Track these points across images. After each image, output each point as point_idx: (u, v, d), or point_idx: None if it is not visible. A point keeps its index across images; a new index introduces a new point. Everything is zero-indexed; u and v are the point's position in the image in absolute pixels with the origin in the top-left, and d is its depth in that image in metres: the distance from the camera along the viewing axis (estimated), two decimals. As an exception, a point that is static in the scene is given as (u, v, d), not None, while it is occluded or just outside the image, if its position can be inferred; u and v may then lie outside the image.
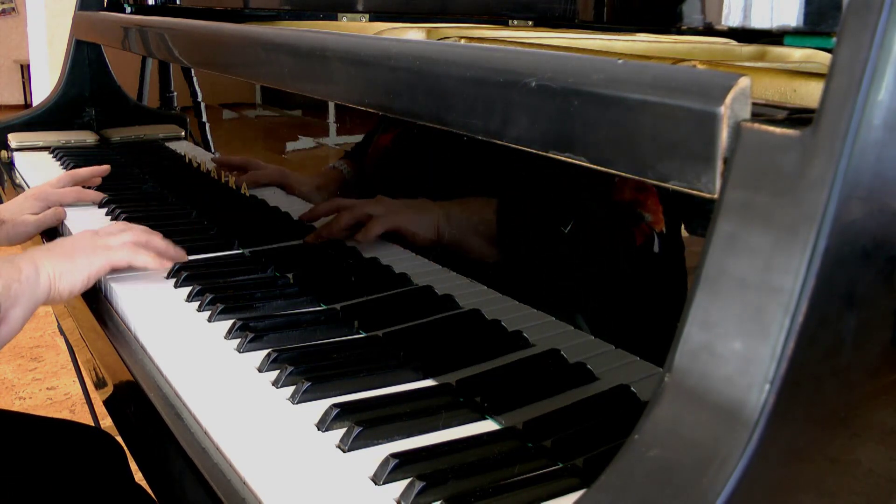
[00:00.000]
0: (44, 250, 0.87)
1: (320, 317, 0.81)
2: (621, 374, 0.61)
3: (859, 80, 0.36)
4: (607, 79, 0.46)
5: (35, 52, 4.17)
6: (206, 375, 0.70)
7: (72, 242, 0.90)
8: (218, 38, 0.99)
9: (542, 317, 0.67)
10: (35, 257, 0.84)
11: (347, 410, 0.61)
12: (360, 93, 0.69)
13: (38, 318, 3.07)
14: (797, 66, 0.75)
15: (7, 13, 7.81)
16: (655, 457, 0.39)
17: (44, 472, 0.95)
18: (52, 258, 0.85)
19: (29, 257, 0.84)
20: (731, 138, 0.40)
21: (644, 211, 0.57)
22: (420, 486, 0.51)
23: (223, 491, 0.56)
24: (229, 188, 1.11)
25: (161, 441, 0.65)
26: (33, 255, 0.85)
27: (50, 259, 0.85)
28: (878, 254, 0.39)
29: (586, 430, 0.58)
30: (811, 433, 0.40)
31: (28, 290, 0.81)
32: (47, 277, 0.84)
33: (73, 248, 0.88)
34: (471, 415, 0.62)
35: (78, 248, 0.88)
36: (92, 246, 0.89)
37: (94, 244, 0.90)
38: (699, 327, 0.40)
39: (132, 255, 0.90)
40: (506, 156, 0.67)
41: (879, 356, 0.41)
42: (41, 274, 0.83)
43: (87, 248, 0.89)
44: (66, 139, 1.66)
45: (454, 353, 0.70)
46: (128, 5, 1.77)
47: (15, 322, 0.79)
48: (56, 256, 0.86)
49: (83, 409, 2.31)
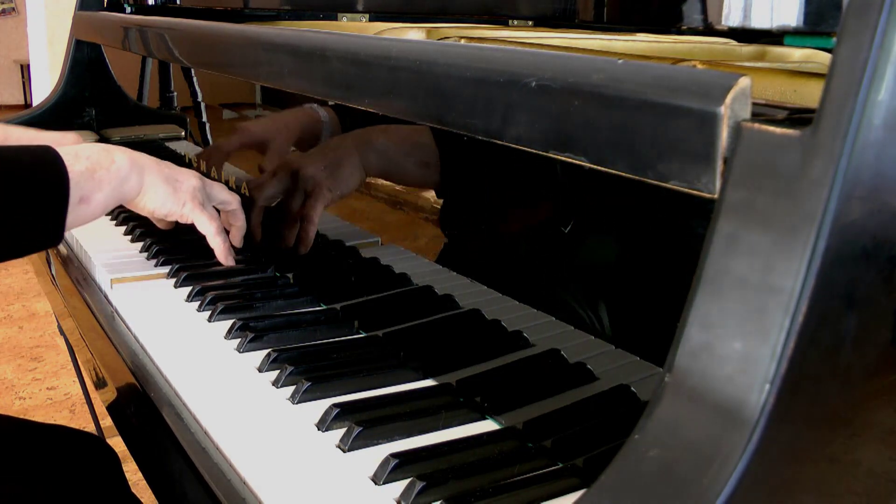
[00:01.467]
0: (152, 161, 0.87)
1: (320, 317, 0.81)
2: (621, 374, 0.61)
3: (859, 80, 0.36)
4: (607, 79, 0.46)
5: (35, 52, 4.17)
6: (206, 375, 0.70)
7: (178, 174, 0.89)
8: (218, 38, 0.99)
9: (542, 317, 0.67)
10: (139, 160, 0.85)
11: (347, 410, 0.61)
12: (360, 93, 0.69)
13: (38, 318, 3.07)
14: (797, 66, 0.75)
15: (7, 13, 7.81)
16: (655, 457, 0.39)
17: (36, 477, 0.95)
18: (157, 174, 0.86)
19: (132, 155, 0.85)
20: (732, 138, 0.40)
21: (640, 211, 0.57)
22: (420, 486, 0.51)
23: (223, 491, 0.56)
24: (229, 188, 1.11)
25: (161, 441, 0.65)
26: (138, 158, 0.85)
27: (153, 172, 0.86)
28: (878, 254, 0.39)
29: (586, 430, 0.58)
30: (811, 433, 0.40)
31: (115, 181, 0.82)
32: (139, 183, 0.84)
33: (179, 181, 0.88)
34: (471, 415, 0.62)
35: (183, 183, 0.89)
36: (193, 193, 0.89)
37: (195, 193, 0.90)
38: (699, 327, 0.40)
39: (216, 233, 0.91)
40: (506, 156, 0.67)
41: (879, 356, 0.41)
42: (133, 176, 0.84)
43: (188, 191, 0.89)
44: (66, 139, 1.65)
45: (454, 353, 0.70)
46: (128, 5, 1.77)
47: (96, 206, 0.80)
48: (161, 175, 0.87)
49: (83, 409, 2.31)
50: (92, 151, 0.81)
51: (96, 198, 0.80)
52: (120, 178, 0.82)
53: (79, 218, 0.79)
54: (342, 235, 0.92)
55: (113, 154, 0.82)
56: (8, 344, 2.85)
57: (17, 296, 3.30)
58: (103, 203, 0.81)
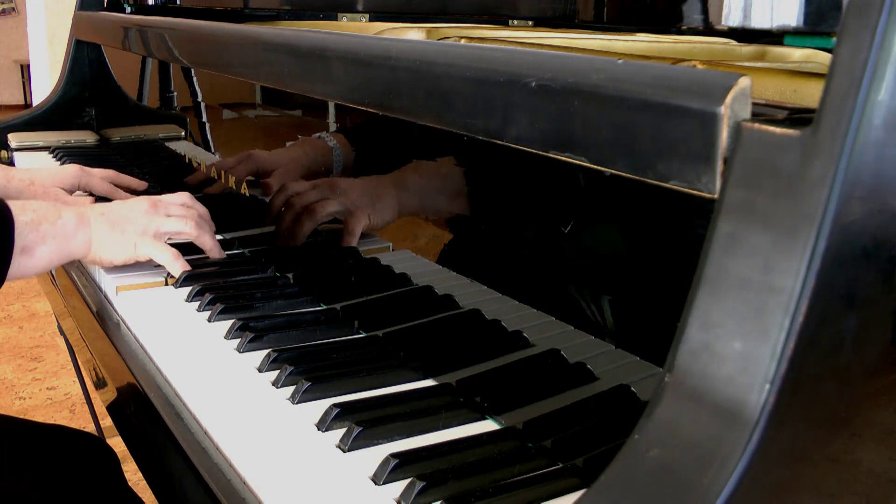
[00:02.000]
0: (97, 212, 0.87)
1: (320, 317, 0.81)
2: (621, 374, 0.61)
3: (859, 80, 0.36)
4: (607, 79, 0.46)
5: (35, 52, 4.17)
6: (205, 375, 0.70)
7: (127, 213, 0.89)
8: (218, 38, 0.99)
9: (542, 317, 0.67)
10: (85, 214, 0.85)
11: (347, 410, 0.61)
12: (360, 93, 0.69)
13: (38, 318, 3.07)
14: (797, 66, 0.75)
15: (7, 13, 7.81)
16: (655, 457, 0.39)
17: (36, 477, 0.95)
18: (104, 223, 0.86)
19: (79, 211, 0.85)
20: (732, 138, 0.40)
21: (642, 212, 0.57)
22: (420, 486, 0.51)
23: (223, 491, 0.56)
24: (229, 188, 1.11)
25: (161, 441, 0.65)
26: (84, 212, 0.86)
27: (100, 222, 0.86)
28: (878, 254, 0.39)
29: (586, 430, 0.58)
30: (811, 433, 0.40)
31: (59, 236, 0.82)
32: (88, 238, 0.85)
33: (127, 220, 0.88)
34: (471, 415, 0.62)
35: (132, 221, 0.89)
36: (145, 227, 0.89)
37: (148, 225, 0.90)
38: (699, 327, 0.40)
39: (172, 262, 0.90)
40: (506, 156, 0.67)
41: (879, 356, 0.41)
42: (83, 230, 0.84)
43: (139, 227, 0.89)
44: (66, 139, 1.66)
45: (454, 353, 0.70)
46: (128, 5, 1.77)
47: (39, 259, 0.81)
48: (108, 223, 0.87)
49: (83, 409, 2.31)
50: (39, 206, 0.82)
51: (40, 250, 0.80)
52: (65, 235, 0.83)
53: (21, 268, 0.79)
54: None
55: (60, 210, 0.83)
56: (8, 344, 2.85)
57: (17, 296, 3.30)
58: (47, 257, 0.81)
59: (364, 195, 0.87)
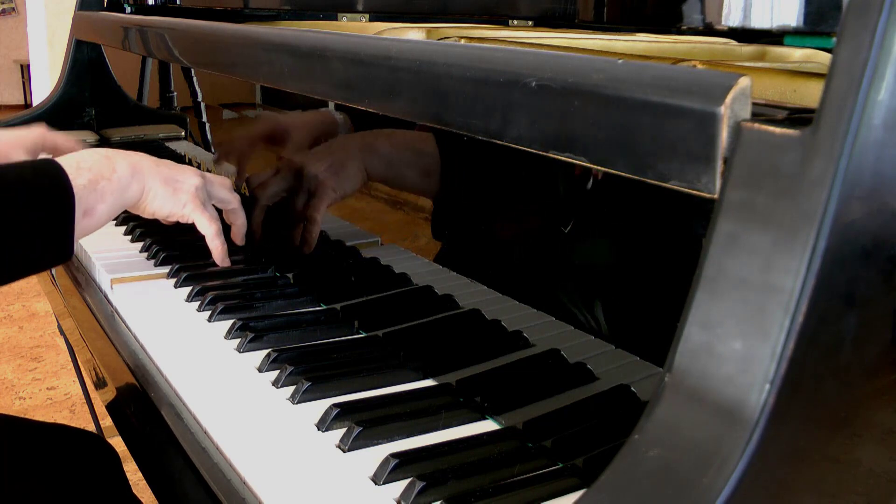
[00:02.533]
0: (152, 162, 0.87)
1: (320, 317, 0.81)
2: (621, 374, 0.61)
3: (859, 80, 0.36)
4: (607, 79, 0.46)
5: (35, 52, 4.17)
6: (206, 375, 0.70)
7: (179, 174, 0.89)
8: (218, 38, 0.99)
9: (542, 317, 0.67)
10: (139, 164, 0.85)
11: (347, 410, 0.61)
12: (360, 93, 0.69)
13: (38, 318, 3.07)
14: (797, 66, 0.75)
15: (7, 13, 7.81)
16: (655, 457, 0.39)
17: (36, 476, 0.95)
18: (157, 176, 0.86)
19: (132, 160, 0.84)
20: (732, 138, 0.40)
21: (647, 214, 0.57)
22: (420, 486, 0.51)
23: (223, 491, 0.56)
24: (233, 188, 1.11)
25: (161, 441, 0.65)
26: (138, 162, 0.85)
27: (153, 176, 0.86)
28: (878, 254, 0.39)
29: (586, 430, 0.58)
30: (811, 433, 0.40)
31: (117, 190, 0.82)
32: (141, 189, 0.84)
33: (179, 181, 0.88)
34: (471, 415, 0.62)
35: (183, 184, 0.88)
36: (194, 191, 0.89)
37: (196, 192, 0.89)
38: (699, 327, 0.40)
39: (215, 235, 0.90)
40: (506, 156, 0.67)
41: (879, 356, 0.41)
42: (136, 180, 0.84)
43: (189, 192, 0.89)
44: (66, 139, 1.65)
45: (454, 353, 0.70)
46: (128, 5, 1.77)
47: (100, 217, 0.81)
48: (161, 177, 0.86)
49: (83, 409, 2.31)
50: (93, 162, 0.81)
51: (99, 209, 0.80)
52: (121, 187, 0.82)
53: (84, 230, 0.79)
54: (342, 235, 0.92)
55: (114, 162, 0.82)
56: (8, 344, 2.85)
57: (17, 296, 3.30)
58: (107, 213, 0.81)
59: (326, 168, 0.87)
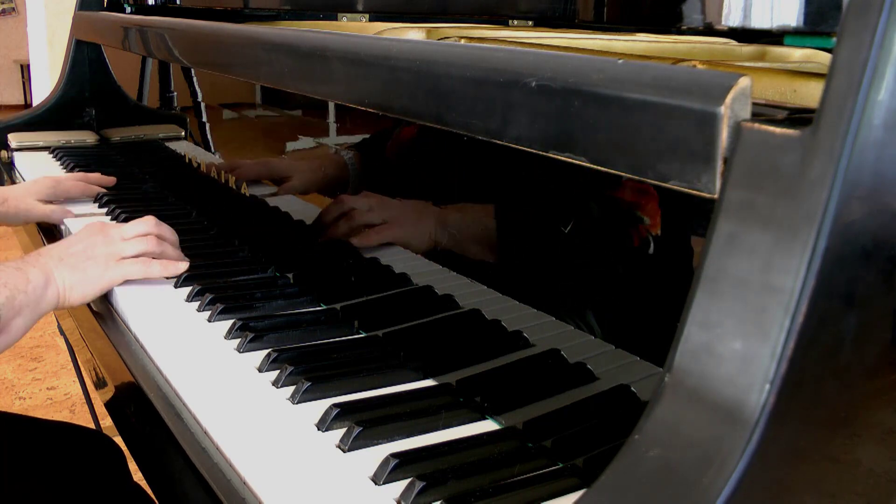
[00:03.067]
0: (56, 258, 0.86)
1: (320, 317, 0.81)
2: (621, 374, 0.61)
3: (859, 80, 0.36)
4: (607, 79, 0.46)
5: (35, 52, 4.17)
6: (206, 375, 0.70)
7: (85, 249, 0.88)
8: (218, 38, 0.99)
9: (542, 317, 0.67)
10: (46, 266, 0.84)
11: (347, 410, 0.61)
12: (360, 93, 0.69)
13: (38, 318, 3.07)
14: (797, 66, 0.75)
15: (7, 13, 7.81)
16: (655, 457, 0.39)
17: (42, 474, 0.95)
18: (65, 268, 0.85)
19: (40, 265, 0.83)
20: (732, 138, 0.40)
21: (643, 214, 0.57)
22: (420, 486, 0.51)
23: (223, 491, 0.56)
24: (229, 188, 1.11)
25: (161, 441, 0.65)
26: (45, 264, 0.84)
27: (62, 269, 0.85)
28: (878, 254, 0.39)
29: (586, 430, 0.58)
30: (811, 433, 0.40)
31: (33, 300, 0.81)
32: (56, 290, 0.83)
33: (87, 256, 0.88)
34: (471, 415, 0.62)
35: (92, 256, 0.88)
36: (106, 256, 0.89)
37: (109, 253, 0.89)
38: (699, 327, 0.40)
39: (146, 270, 0.90)
40: (508, 156, 0.67)
41: (879, 356, 0.41)
42: (50, 285, 0.83)
43: (101, 259, 0.88)
44: (66, 139, 1.66)
45: (454, 353, 0.70)
46: (128, 5, 1.77)
47: (16, 331, 0.79)
48: (69, 267, 0.85)
49: (83, 409, 2.31)
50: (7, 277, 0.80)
51: (16, 324, 0.79)
52: (36, 298, 0.81)
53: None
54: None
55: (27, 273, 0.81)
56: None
57: (17, 296, 3.29)
58: (22, 328, 0.80)
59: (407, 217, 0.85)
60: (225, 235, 1.08)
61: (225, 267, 0.96)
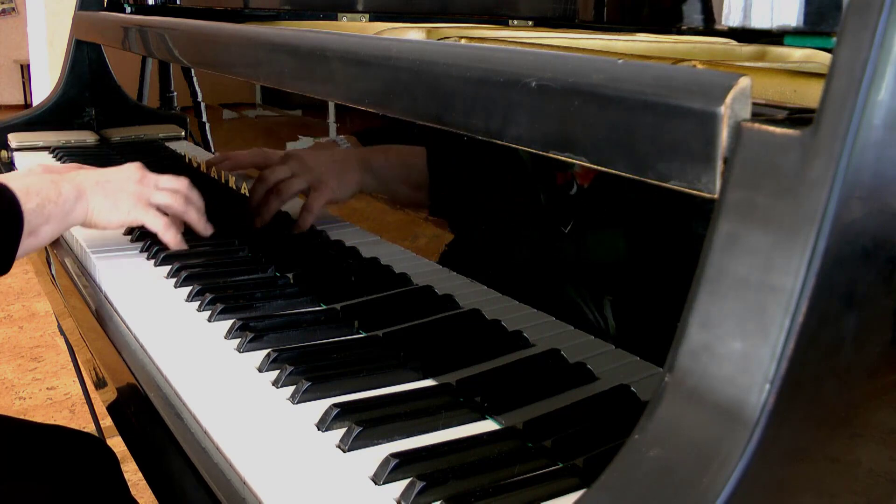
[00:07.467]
0: (92, 180, 0.94)
1: (320, 317, 0.81)
2: (621, 374, 0.61)
3: (859, 80, 0.36)
4: (607, 79, 0.46)
5: (35, 52, 4.17)
6: (206, 375, 0.70)
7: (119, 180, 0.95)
8: (218, 38, 0.99)
9: (542, 317, 0.67)
10: (82, 185, 0.91)
11: (347, 410, 0.61)
12: (360, 93, 0.69)
13: (38, 318, 3.07)
14: (797, 66, 0.75)
15: (7, 13, 7.81)
16: (655, 457, 0.39)
17: (35, 477, 0.95)
18: (99, 191, 0.92)
19: (76, 182, 0.91)
20: (732, 138, 0.40)
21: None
22: (420, 485, 0.51)
23: (223, 491, 0.56)
24: (229, 188, 1.11)
25: (161, 441, 0.65)
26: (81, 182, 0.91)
27: (96, 192, 0.92)
28: (878, 254, 0.39)
29: (586, 430, 0.58)
30: (811, 433, 0.40)
31: (62, 211, 0.88)
32: (85, 208, 0.91)
33: (121, 189, 0.94)
34: (471, 415, 0.62)
35: (125, 189, 0.95)
36: (137, 194, 0.95)
37: (141, 192, 0.95)
38: (699, 327, 0.40)
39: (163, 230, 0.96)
40: (506, 155, 0.67)
41: (879, 356, 0.41)
42: (81, 201, 0.90)
43: (132, 195, 0.95)
44: (66, 139, 1.66)
45: (454, 353, 0.70)
46: (128, 5, 1.77)
47: (43, 237, 0.88)
48: (102, 191, 0.93)
49: (83, 409, 2.31)
50: (41, 186, 0.87)
51: (44, 230, 0.87)
52: (66, 210, 0.89)
53: (26, 248, 0.85)
54: (342, 235, 0.92)
55: (60, 186, 0.89)
56: (8, 344, 2.85)
57: (17, 296, 3.30)
58: (50, 234, 0.88)
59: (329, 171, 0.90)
60: (225, 235, 1.08)
61: (225, 267, 0.96)
